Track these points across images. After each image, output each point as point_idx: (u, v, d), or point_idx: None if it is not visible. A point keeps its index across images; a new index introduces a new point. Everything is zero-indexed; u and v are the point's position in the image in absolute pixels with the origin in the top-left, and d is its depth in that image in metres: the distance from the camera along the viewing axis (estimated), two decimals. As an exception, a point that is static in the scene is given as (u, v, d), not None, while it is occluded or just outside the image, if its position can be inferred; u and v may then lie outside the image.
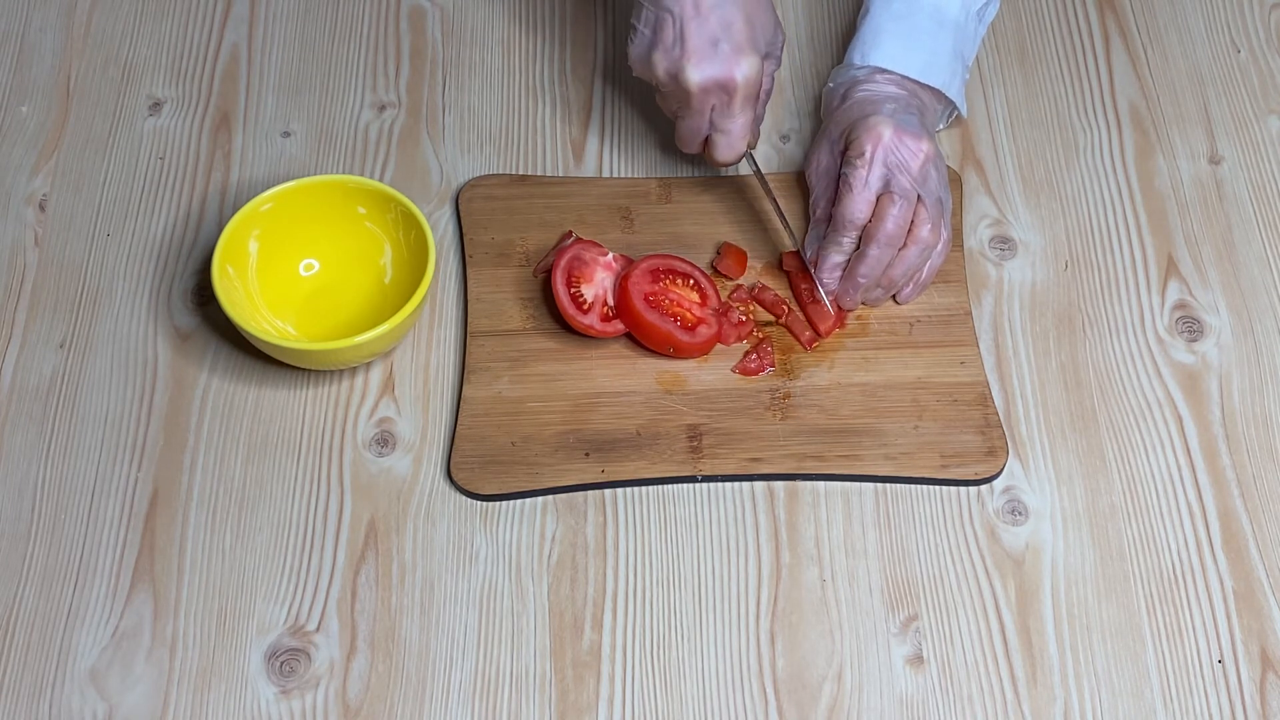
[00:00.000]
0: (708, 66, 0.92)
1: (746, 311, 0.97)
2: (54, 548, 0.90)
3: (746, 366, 0.95)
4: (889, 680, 0.86)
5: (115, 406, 0.95)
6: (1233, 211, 1.05)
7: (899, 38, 1.00)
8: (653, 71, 0.94)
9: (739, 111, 0.94)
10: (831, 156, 0.99)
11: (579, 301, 0.95)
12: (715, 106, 0.94)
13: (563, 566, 0.89)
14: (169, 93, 1.09)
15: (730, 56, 0.92)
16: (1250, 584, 0.89)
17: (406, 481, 0.92)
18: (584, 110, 1.09)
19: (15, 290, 1.00)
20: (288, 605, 0.88)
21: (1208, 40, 1.14)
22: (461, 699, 0.85)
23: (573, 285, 0.95)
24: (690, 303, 0.95)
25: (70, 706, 0.84)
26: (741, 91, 0.93)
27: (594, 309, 0.95)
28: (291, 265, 0.98)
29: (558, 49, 1.13)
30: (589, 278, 0.96)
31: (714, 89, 0.93)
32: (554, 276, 0.95)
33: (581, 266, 0.96)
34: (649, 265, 0.95)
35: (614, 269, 0.97)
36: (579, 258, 0.96)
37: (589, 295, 0.95)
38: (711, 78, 0.92)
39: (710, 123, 0.95)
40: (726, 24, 0.92)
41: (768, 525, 0.91)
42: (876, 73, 0.99)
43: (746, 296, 0.98)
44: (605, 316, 0.95)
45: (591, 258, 0.97)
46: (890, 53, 0.99)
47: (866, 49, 1.00)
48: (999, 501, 0.92)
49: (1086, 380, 0.97)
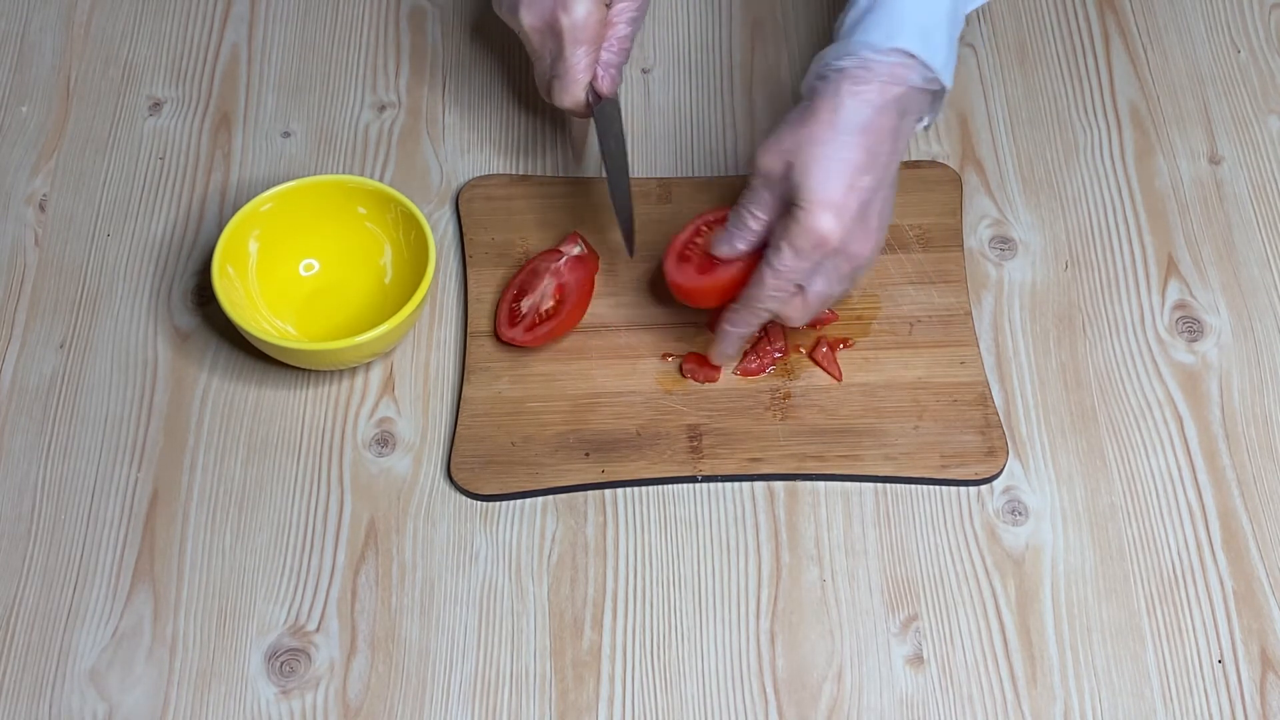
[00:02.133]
0: (536, 6, 0.91)
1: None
2: (54, 548, 0.90)
3: (747, 367, 0.95)
4: (889, 680, 0.86)
5: (115, 406, 0.95)
6: (1233, 211, 1.05)
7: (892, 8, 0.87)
8: (500, 13, 0.95)
9: (569, 54, 0.92)
10: (779, 170, 0.86)
11: (514, 315, 0.96)
12: (552, 49, 0.93)
13: (563, 566, 0.89)
14: (169, 93, 1.09)
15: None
16: (1250, 584, 0.89)
17: (406, 481, 0.92)
18: (584, 110, 1.09)
19: (15, 290, 1.00)
20: (288, 605, 0.88)
21: (1208, 40, 1.14)
22: (461, 699, 0.85)
23: (519, 299, 0.96)
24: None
25: (70, 706, 0.84)
26: (568, 34, 0.91)
27: (524, 319, 0.95)
28: (291, 265, 0.98)
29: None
30: (534, 287, 0.96)
31: (544, 30, 0.92)
32: (504, 292, 0.97)
33: (532, 278, 0.97)
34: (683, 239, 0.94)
35: (561, 271, 0.97)
36: (534, 269, 0.97)
37: (525, 306, 0.96)
38: (540, 18, 0.92)
39: (551, 65, 0.94)
40: None
41: (768, 525, 0.91)
42: (860, 68, 0.86)
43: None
44: (530, 325, 0.95)
45: (546, 266, 0.97)
46: (880, 25, 0.86)
47: (852, 25, 0.88)
48: (999, 501, 0.92)
49: (1086, 380, 0.97)
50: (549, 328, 0.95)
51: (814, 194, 0.83)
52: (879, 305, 0.98)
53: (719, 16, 1.15)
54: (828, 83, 0.86)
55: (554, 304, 0.95)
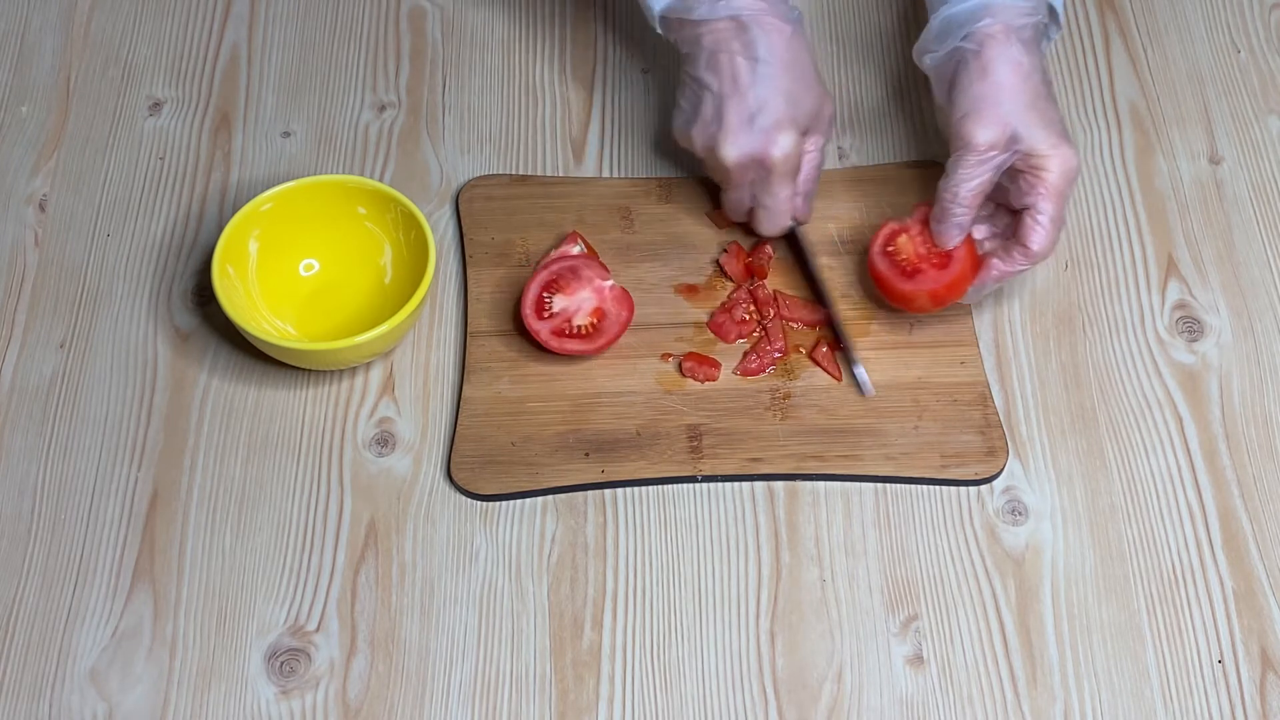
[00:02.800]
0: (743, 143, 0.93)
1: (749, 311, 0.97)
2: (54, 548, 0.90)
3: (747, 367, 0.95)
4: (889, 680, 0.86)
5: (115, 406, 0.95)
6: (1233, 211, 1.05)
7: None
8: (693, 146, 0.96)
9: (777, 187, 0.95)
10: (1004, 138, 0.90)
11: (543, 306, 0.95)
12: (755, 181, 0.95)
13: (563, 566, 0.89)
14: (169, 93, 1.09)
15: (766, 133, 0.93)
16: (1250, 584, 0.89)
17: (406, 481, 0.92)
18: (584, 110, 1.09)
19: (15, 290, 1.00)
20: (288, 605, 0.88)
21: (1208, 40, 1.14)
22: (461, 699, 0.85)
23: (550, 290, 0.95)
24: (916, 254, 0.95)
25: (70, 706, 0.84)
26: (778, 168, 0.94)
27: (554, 319, 0.94)
28: (291, 265, 0.98)
29: (558, 49, 1.13)
30: (571, 290, 0.95)
31: (750, 165, 0.94)
32: (536, 273, 0.95)
33: (573, 277, 0.96)
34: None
35: (604, 294, 0.96)
36: (574, 269, 0.96)
37: (558, 305, 0.95)
38: (747, 154, 0.93)
39: (753, 196, 0.97)
40: (763, 102, 0.93)
41: (768, 525, 0.91)
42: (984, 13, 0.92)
43: (746, 296, 0.98)
44: (559, 331, 0.94)
45: (589, 275, 0.96)
46: None
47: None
48: (999, 501, 0.92)
49: (1086, 380, 0.97)
50: (577, 346, 0.94)
51: (1051, 139, 0.89)
52: (879, 304, 0.98)
53: (719, 16, 1.15)
54: (993, 39, 0.91)
55: (590, 325, 0.95)
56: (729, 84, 0.93)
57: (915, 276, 0.93)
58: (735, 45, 0.93)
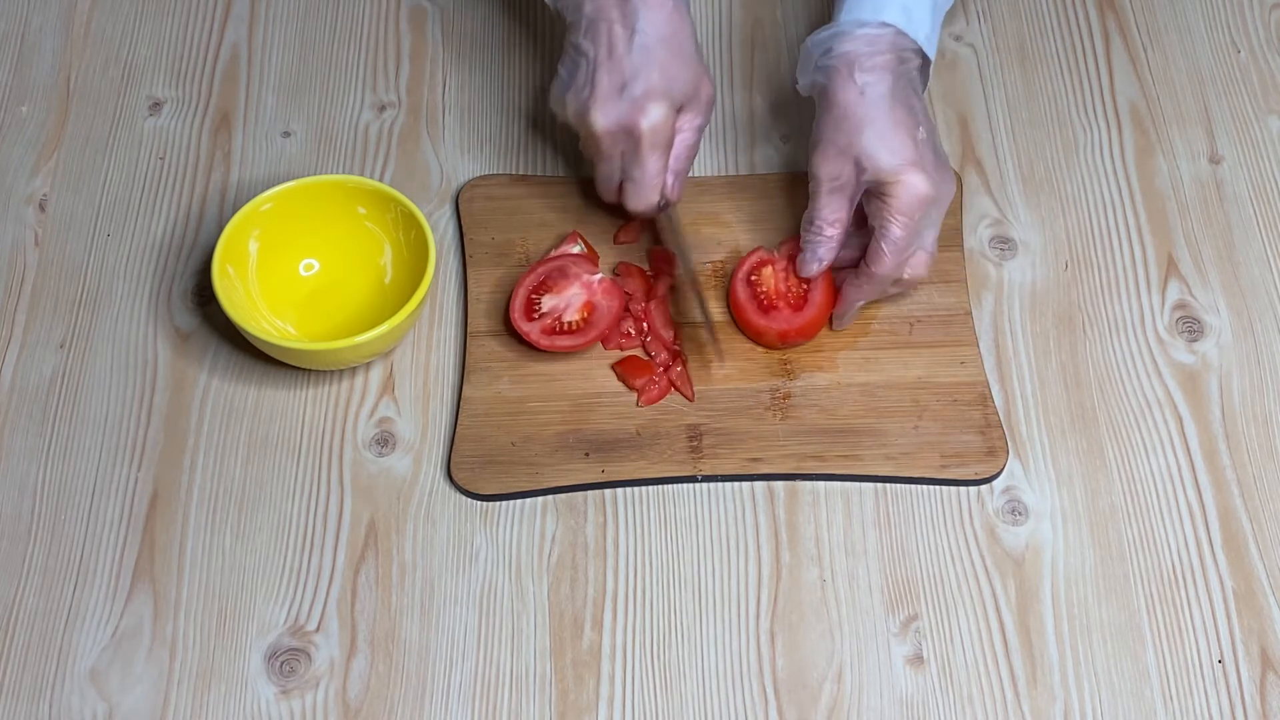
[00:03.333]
0: (612, 110, 0.92)
1: (639, 324, 0.96)
2: (54, 548, 0.90)
3: (649, 396, 0.94)
4: (889, 680, 0.86)
5: (115, 407, 0.95)
6: (1233, 211, 1.05)
7: None
8: (565, 113, 0.95)
9: (646, 157, 0.93)
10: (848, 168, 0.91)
11: (531, 307, 0.95)
12: (624, 153, 0.94)
13: (563, 566, 0.89)
14: (169, 93, 1.09)
15: (635, 102, 0.91)
16: (1250, 584, 0.89)
17: (406, 481, 0.92)
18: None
19: (15, 290, 1.00)
20: (288, 605, 0.88)
21: (1208, 40, 1.14)
22: (461, 699, 0.85)
23: (539, 291, 0.95)
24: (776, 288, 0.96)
25: (70, 706, 0.85)
26: (647, 138, 0.92)
27: (543, 319, 0.94)
28: (291, 265, 0.98)
29: (558, 49, 1.12)
30: (560, 289, 0.95)
31: (619, 134, 0.93)
32: (522, 277, 0.95)
33: (560, 276, 0.96)
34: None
35: (594, 288, 0.96)
36: (562, 269, 0.96)
37: (547, 305, 0.95)
38: (615, 121, 0.92)
39: (621, 170, 0.95)
40: (635, 71, 0.91)
41: (768, 525, 0.91)
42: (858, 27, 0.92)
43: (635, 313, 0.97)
44: (549, 330, 0.94)
45: (577, 272, 0.96)
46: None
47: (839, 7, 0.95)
48: (999, 501, 0.92)
49: (1086, 380, 0.97)
50: (568, 341, 0.94)
51: (896, 165, 0.89)
52: (879, 305, 0.98)
53: (719, 16, 1.15)
54: (836, 70, 0.91)
55: (580, 320, 0.95)
56: (604, 52, 0.92)
57: (769, 313, 0.94)
58: (615, 14, 0.92)
